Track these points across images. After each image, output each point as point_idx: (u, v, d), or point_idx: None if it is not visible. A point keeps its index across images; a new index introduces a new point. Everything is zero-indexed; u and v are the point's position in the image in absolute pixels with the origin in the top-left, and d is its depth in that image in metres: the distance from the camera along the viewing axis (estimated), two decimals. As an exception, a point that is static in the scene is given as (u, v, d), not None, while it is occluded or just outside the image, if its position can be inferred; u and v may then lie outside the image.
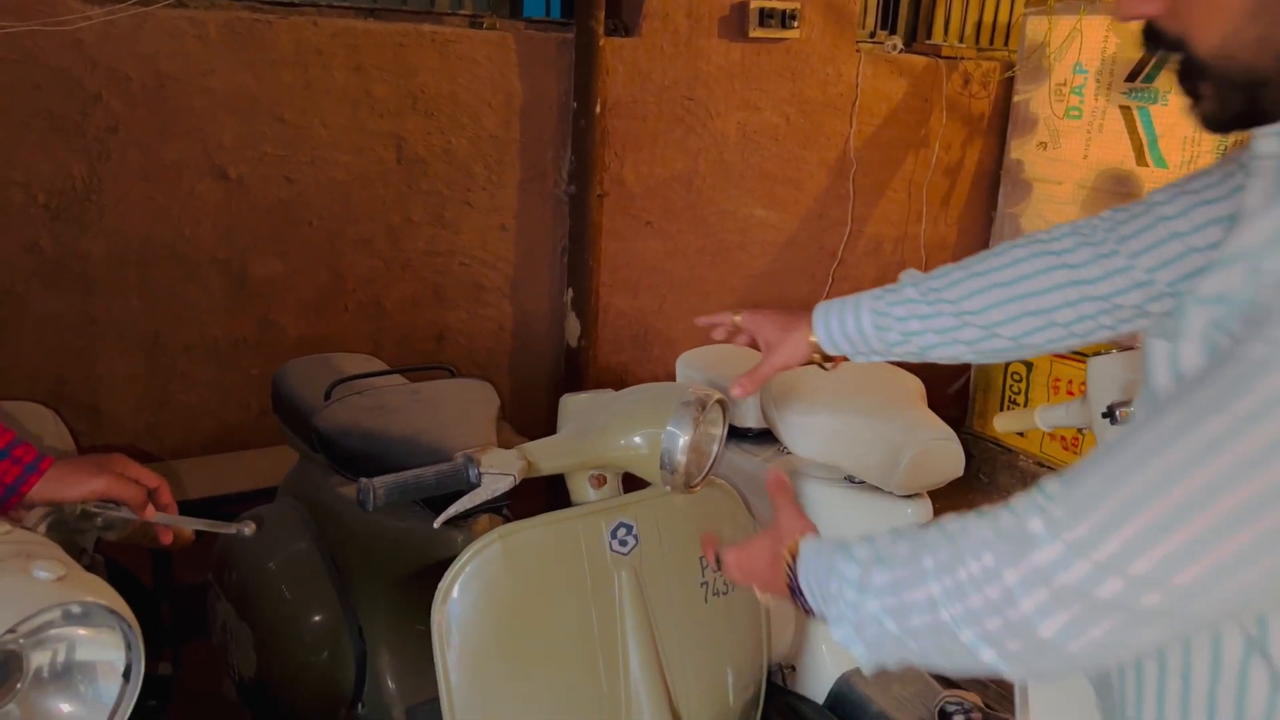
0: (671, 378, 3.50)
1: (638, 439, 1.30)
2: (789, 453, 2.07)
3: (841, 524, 1.97)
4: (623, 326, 3.36)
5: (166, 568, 2.64)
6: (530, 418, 3.22)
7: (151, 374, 2.71)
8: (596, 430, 1.33)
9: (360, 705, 1.97)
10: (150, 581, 2.50)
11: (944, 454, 1.88)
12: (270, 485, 2.59)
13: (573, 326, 3.21)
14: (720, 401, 1.34)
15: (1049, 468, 3.74)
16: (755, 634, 1.54)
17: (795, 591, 0.97)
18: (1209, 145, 3.28)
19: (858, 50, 3.55)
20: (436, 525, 1.19)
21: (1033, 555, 0.72)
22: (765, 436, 2.17)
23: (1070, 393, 3.79)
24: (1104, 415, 1.60)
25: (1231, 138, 1.01)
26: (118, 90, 2.48)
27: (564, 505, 1.40)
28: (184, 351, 2.74)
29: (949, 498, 1.79)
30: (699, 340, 3.52)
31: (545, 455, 1.27)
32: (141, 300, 2.65)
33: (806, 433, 1.97)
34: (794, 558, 0.97)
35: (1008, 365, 4.02)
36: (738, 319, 1.36)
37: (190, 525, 1.18)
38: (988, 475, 4.04)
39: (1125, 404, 1.58)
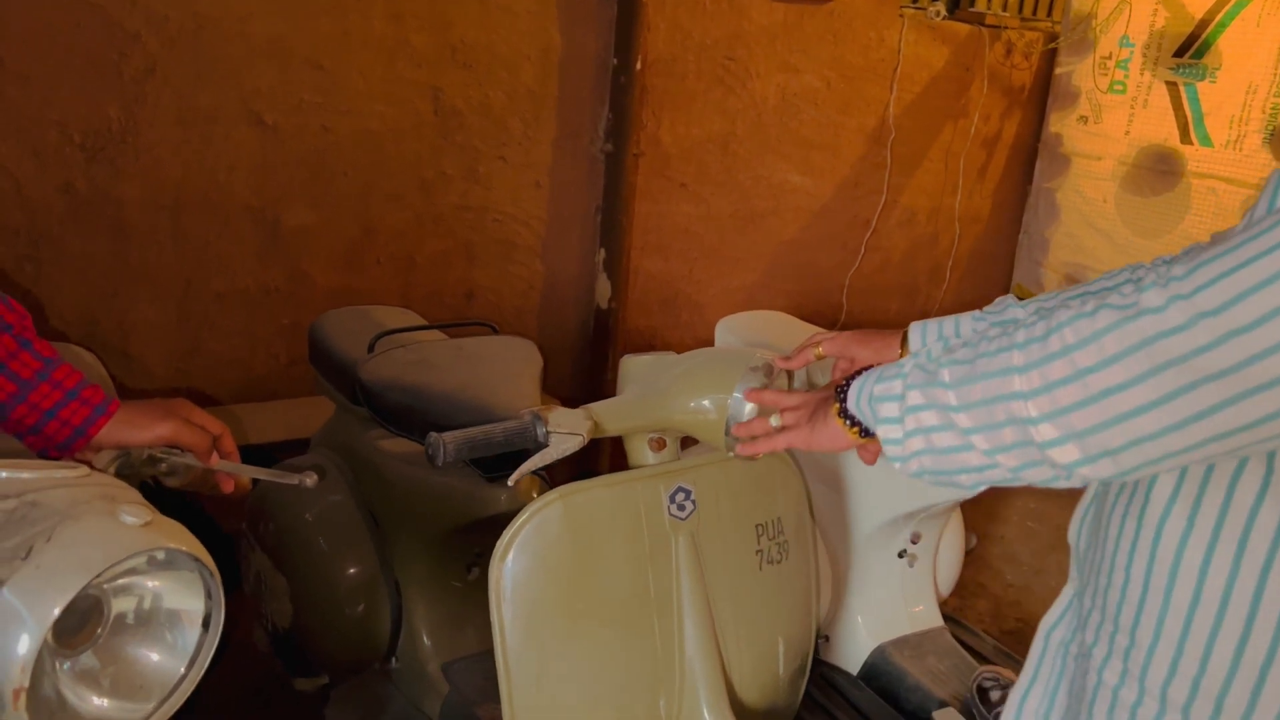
0: (700, 343, 3.47)
1: (705, 403, 1.28)
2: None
3: (883, 500, 1.95)
4: (652, 290, 3.33)
5: (204, 515, 2.64)
6: (557, 378, 3.21)
7: (182, 321, 2.69)
8: (661, 393, 1.30)
9: (394, 660, 1.97)
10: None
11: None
12: (301, 436, 2.57)
13: (603, 288, 3.17)
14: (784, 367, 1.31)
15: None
16: (805, 604, 1.52)
17: (844, 409, 1.01)
18: (1256, 124, 3.22)
19: (901, 15, 3.48)
20: (511, 482, 1.17)
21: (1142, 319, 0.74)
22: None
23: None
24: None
25: None
26: (155, 30, 2.43)
27: (619, 468, 1.38)
28: (215, 299, 2.71)
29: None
30: (729, 306, 3.50)
31: (610, 416, 1.25)
32: (174, 246, 2.62)
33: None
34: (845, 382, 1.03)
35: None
36: (820, 350, 1.32)
37: (252, 474, 1.16)
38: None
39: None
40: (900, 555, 2.04)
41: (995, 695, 1.89)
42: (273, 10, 2.54)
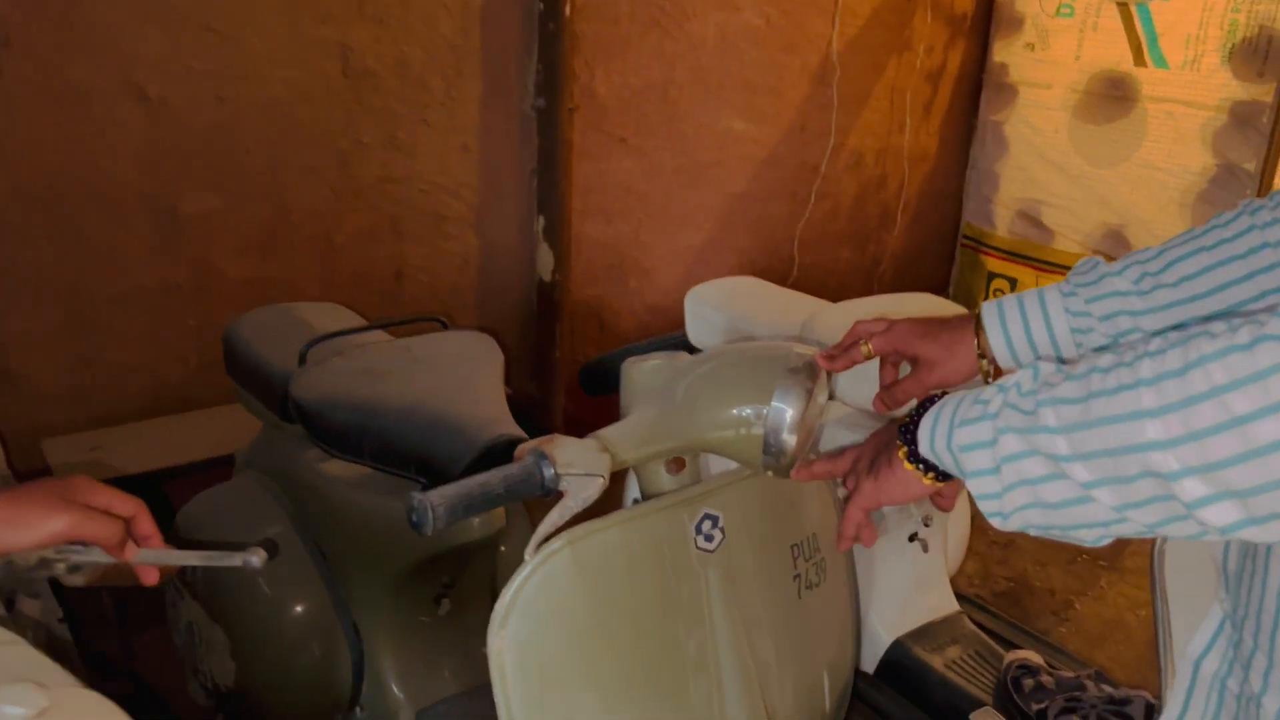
0: (652, 311, 3.25)
1: (740, 415, 1.05)
2: (834, 399, 1.84)
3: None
4: (596, 257, 3.08)
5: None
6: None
7: (72, 330, 2.35)
8: (682, 406, 1.07)
9: (359, 709, 1.73)
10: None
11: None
12: (222, 453, 2.29)
13: (545, 258, 2.91)
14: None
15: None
16: (847, 625, 1.32)
17: (913, 453, 0.88)
18: (1214, 42, 3.09)
19: (840, -57, 3.25)
20: (530, 554, 0.93)
21: None
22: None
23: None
24: None
25: (1240, 33, 0.82)
26: (8, -6, 2.07)
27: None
28: (109, 303, 2.38)
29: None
30: (678, 269, 3.27)
31: (627, 443, 1.02)
32: (54, 245, 2.27)
33: (857, 377, 1.73)
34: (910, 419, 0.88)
35: (990, 279, 3.86)
36: (869, 347, 1.10)
37: (180, 561, 0.91)
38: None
39: None
40: (911, 540, 1.86)
41: (1028, 685, 1.73)
42: (146, -36, 2.19)
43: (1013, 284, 3.76)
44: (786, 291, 2.13)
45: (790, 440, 1.05)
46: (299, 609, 1.69)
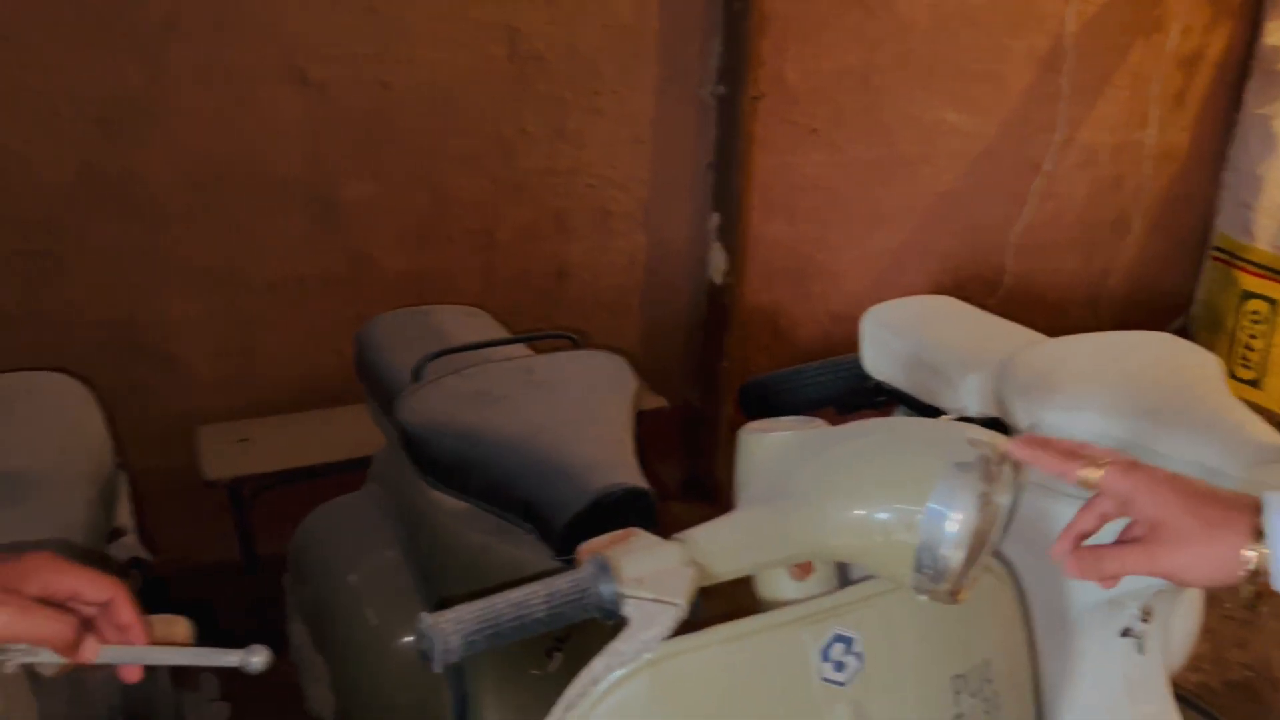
0: (836, 320, 2.94)
1: (880, 519, 0.79)
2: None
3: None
4: (775, 259, 2.81)
5: (248, 540, 2.29)
6: (665, 370, 2.74)
7: (230, 316, 2.32)
8: (806, 501, 0.81)
9: (458, 759, 1.57)
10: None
11: (1276, 480, 1.29)
12: (366, 454, 2.20)
13: (718, 259, 2.67)
14: (1015, 460, 0.81)
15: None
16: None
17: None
18: None
19: (1082, -94, 2.82)
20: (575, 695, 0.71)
21: None
22: (992, 429, 1.61)
23: (1330, 339, 3.07)
24: None
25: None
26: (172, -25, 2.03)
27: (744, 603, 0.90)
28: (267, 290, 2.34)
29: None
30: (870, 275, 2.96)
31: (726, 553, 0.77)
32: (214, 230, 2.24)
33: (1068, 434, 1.40)
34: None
35: (1244, 298, 3.30)
36: (1096, 476, 0.79)
37: (156, 660, 0.74)
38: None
39: None
40: (1124, 635, 1.50)
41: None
42: (309, -56, 2.10)
43: (1272, 305, 3.20)
44: (986, 316, 1.79)
45: (953, 557, 0.78)
46: (405, 644, 1.54)
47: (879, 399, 1.83)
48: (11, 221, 2.08)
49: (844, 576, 0.93)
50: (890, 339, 1.78)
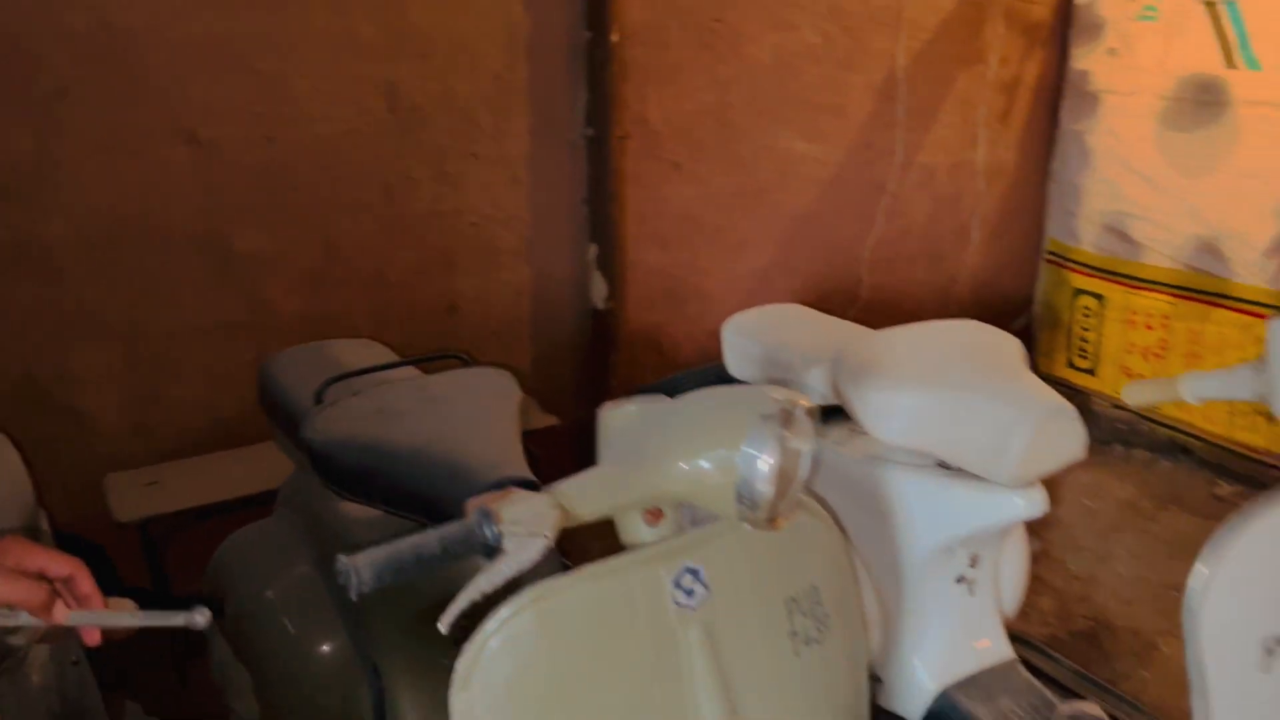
0: (713, 337, 3.16)
1: (705, 464, 0.99)
2: (863, 434, 1.75)
3: (933, 522, 1.66)
4: (654, 284, 3.03)
5: (161, 580, 2.38)
6: (557, 390, 2.92)
7: (133, 366, 2.42)
8: (649, 457, 1.01)
9: (380, 753, 1.71)
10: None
11: (1062, 434, 1.55)
12: (274, 488, 2.32)
13: (599, 287, 2.88)
14: (810, 410, 1.02)
15: (1128, 413, 3.40)
16: (856, 683, 1.24)
17: None
18: (1312, 41, 2.87)
19: (902, -45, 3.15)
20: (444, 628, 0.89)
21: None
22: (834, 414, 1.84)
23: (1149, 326, 3.44)
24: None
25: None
26: (63, 48, 2.15)
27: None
28: (167, 339, 2.44)
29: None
30: (740, 293, 3.20)
31: (585, 498, 0.96)
32: (114, 285, 2.34)
33: (888, 411, 1.64)
34: None
35: (1075, 295, 3.66)
36: None
37: (116, 622, 0.89)
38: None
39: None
40: (958, 581, 1.75)
41: (1082, 740, 1.60)
42: (192, 13, 2.24)
43: (1100, 300, 3.57)
44: (826, 319, 2.04)
45: (765, 490, 0.98)
46: (321, 649, 1.68)
47: (741, 397, 2.05)
48: (-90, 287, 2.16)
49: (690, 521, 1.13)
50: (747, 343, 2.01)
